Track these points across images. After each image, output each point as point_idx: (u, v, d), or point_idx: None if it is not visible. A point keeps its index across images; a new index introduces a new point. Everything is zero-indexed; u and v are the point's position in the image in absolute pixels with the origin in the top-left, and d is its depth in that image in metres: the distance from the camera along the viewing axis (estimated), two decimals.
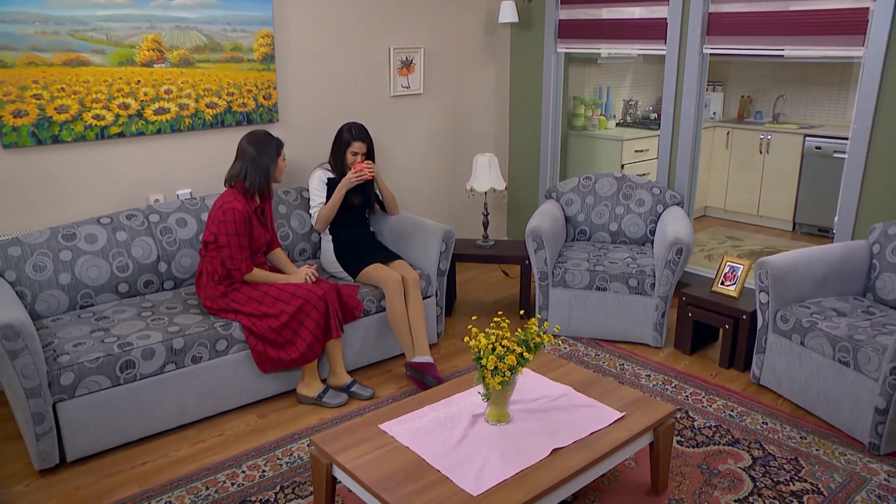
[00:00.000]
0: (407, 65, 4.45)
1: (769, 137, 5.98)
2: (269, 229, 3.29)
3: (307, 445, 2.88)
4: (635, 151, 5.51)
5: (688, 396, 3.26)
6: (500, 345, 2.20)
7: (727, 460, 2.77)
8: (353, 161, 3.59)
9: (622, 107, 6.31)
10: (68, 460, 2.74)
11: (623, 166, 5.42)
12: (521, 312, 4.07)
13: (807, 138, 5.76)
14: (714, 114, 6.51)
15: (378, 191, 3.76)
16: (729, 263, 3.65)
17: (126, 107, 3.39)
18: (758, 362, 3.32)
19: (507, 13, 4.65)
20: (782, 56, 5.55)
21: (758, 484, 2.63)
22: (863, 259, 3.32)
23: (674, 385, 3.37)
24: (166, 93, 3.49)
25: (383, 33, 4.30)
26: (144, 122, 3.46)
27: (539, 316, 3.86)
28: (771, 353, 3.24)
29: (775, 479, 2.65)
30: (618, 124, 6.01)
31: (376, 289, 3.45)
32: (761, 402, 3.20)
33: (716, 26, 3.98)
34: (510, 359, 2.17)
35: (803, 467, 2.73)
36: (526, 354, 2.21)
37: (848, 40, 3.48)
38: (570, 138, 5.46)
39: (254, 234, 3.12)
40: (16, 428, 3.01)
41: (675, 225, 3.70)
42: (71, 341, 2.80)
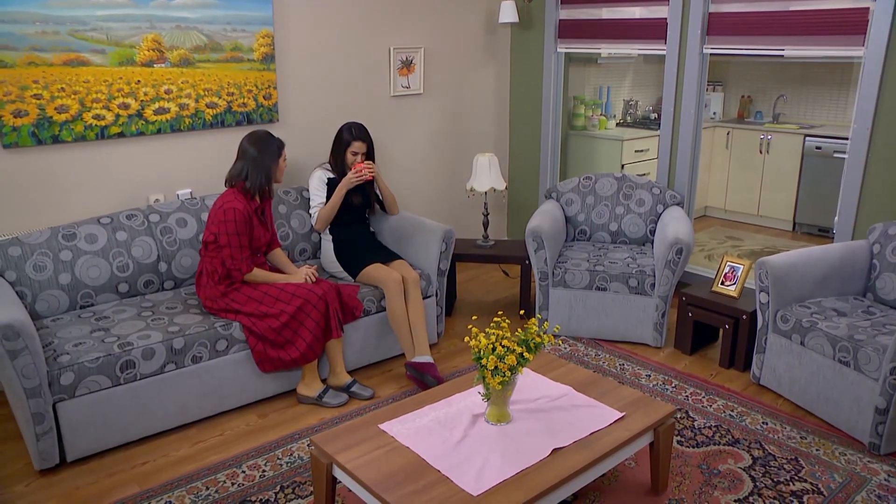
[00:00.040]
0: (407, 65, 4.45)
1: (769, 137, 5.98)
2: (269, 229, 3.29)
3: (307, 445, 2.88)
4: (635, 151, 5.51)
5: (688, 396, 3.26)
6: (501, 345, 2.20)
7: (727, 460, 2.77)
8: (353, 161, 3.59)
9: (622, 107, 6.31)
10: (68, 460, 2.74)
11: (623, 166, 5.42)
12: (522, 312, 4.07)
13: (807, 138, 5.76)
14: (714, 114, 6.50)
15: (378, 191, 3.76)
16: (729, 263, 3.65)
17: (126, 107, 3.39)
18: (758, 362, 3.32)
19: (507, 13, 4.65)
20: (782, 56, 5.55)
21: (758, 484, 2.63)
22: (863, 259, 3.32)
23: (674, 385, 3.37)
24: (166, 93, 3.49)
25: (383, 33, 4.30)
26: (144, 122, 3.46)
27: (539, 316, 3.86)
28: (771, 353, 3.24)
29: (775, 479, 2.65)
30: (618, 124, 6.01)
31: (376, 289, 3.45)
32: (761, 402, 3.20)
33: (716, 26, 3.98)
34: (510, 359, 2.17)
35: (803, 467, 2.73)
36: (526, 354, 2.21)
37: (848, 40, 3.49)
38: (570, 138, 5.46)
39: (254, 234, 3.12)
40: (16, 428, 3.01)
41: (675, 225, 3.70)
42: (71, 341, 2.80)
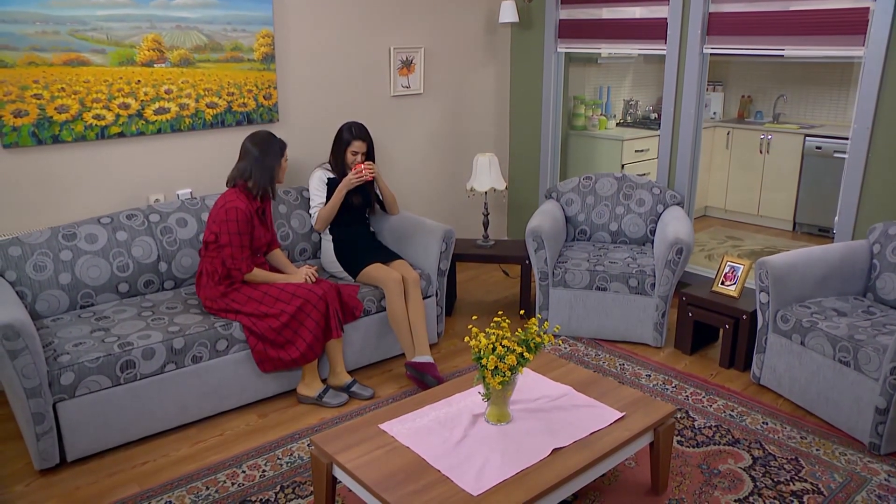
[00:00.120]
0: (407, 65, 4.45)
1: (769, 137, 5.98)
2: (269, 230, 3.29)
3: (307, 445, 2.88)
4: (635, 151, 5.51)
5: (688, 396, 3.26)
6: (501, 345, 2.20)
7: (727, 460, 2.77)
8: (354, 161, 3.59)
9: (622, 107, 6.31)
10: (68, 460, 2.74)
11: (623, 166, 5.42)
12: (522, 312, 4.07)
13: (807, 138, 5.76)
14: (714, 114, 6.50)
15: (378, 191, 3.76)
16: (729, 263, 3.65)
17: (126, 107, 3.39)
18: (758, 362, 3.32)
19: (508, 13, 4.65)
20: (782, 56, 5.55)
21: (758, 484, 2.62)
22: (863, 259, 3.31)
23: (674, 385, 3.37)
24: (166, 93, 3.49)
25: (383, 33, 4.30)
26: (145, 122, 3.46)
27: (539, 316, 3.86)
28: (771, 353, 3.24)
29: (775, 479, 2.65)
30: (618, 124, 6.01)
31: (376, 289, 3.45)
32: (761, 402, 3.20)
33: (716, 26, 3.98)
34: (510, 359, 2.17)
35: (803, 467, 2.73)
36: (526, 354, 2.21)
37: (848, 40, 3.48)
38: (570, 138, 5.46)
39: (255, 234, 3.12)
40: (16, 428, 3.01)
41: (675, 225, 3.70)
42: (71, 341, 2.80)
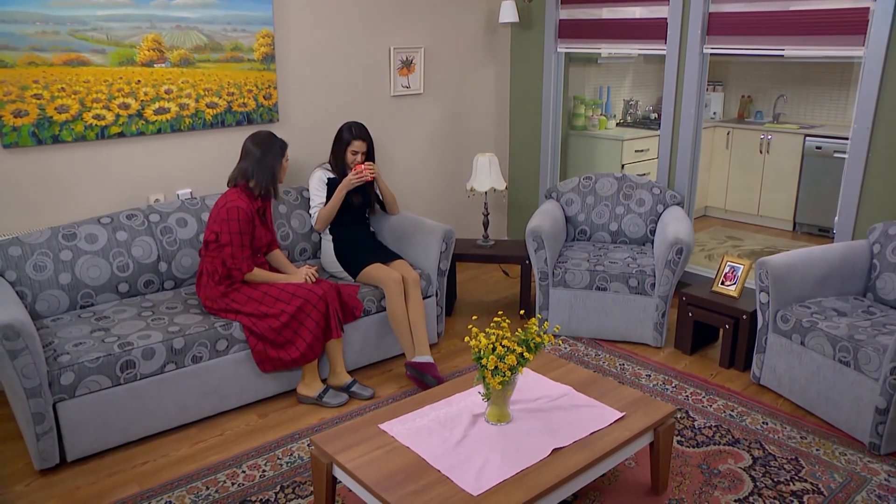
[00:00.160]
0: (407, 65, 4.45)
1: (769, 137, 5.98)
2: (270, 230, 3.29)
3: (307, 445, 2.88)
4: (635, 151, 5.51)
5: (688, 396, 3.26)
6: (501, 345, 2.20)
7: (727, 460, 2.77)
8: (354, 160, 3.59)
9: (622, 107, 6.31)
10: (68, 460, 2.74)
11: (623, 166, 5.42)
12: (522, 312, 4.07)
13: (807, 138, 5.76)
14: (714, 114, 6.50)
15: (378, 191, 3.76)
16: (729, 263, 3.65)
17: (126, 107, 3.39)
18: (758, 362, 3.32)
19: (508, 13, 4.65)
20: (782, 56, 5.54)
21: (758, 484, 2.62)
22: (863, 259, 3.31)
23: (674, 385, 3.37)
24: (166, 93, 3.49)
25: (383, 33, 4.30)
26: (145, 122, 3.46)
27: (539, 316, 3.86)
28: (771, 353, 3.24)
29: (775, 479, 2.65)
30: (618, 124, 6.01)
31: (376, 289, 3.45)
32: (761, 402, 3.20)
33: (716, 26, 3.98)
34: (510, 359, 2.17)
35: (803, 467, 2.73)
36: (526, 354, 2.21)
37: (848, 40, 3.48)
38: (570, 138, 5.46)
39: (255, 234, 3.12)
40: (16, 428, 3.01)
41: (675, 225, 3.70)
42: (71, 341, 2.80)
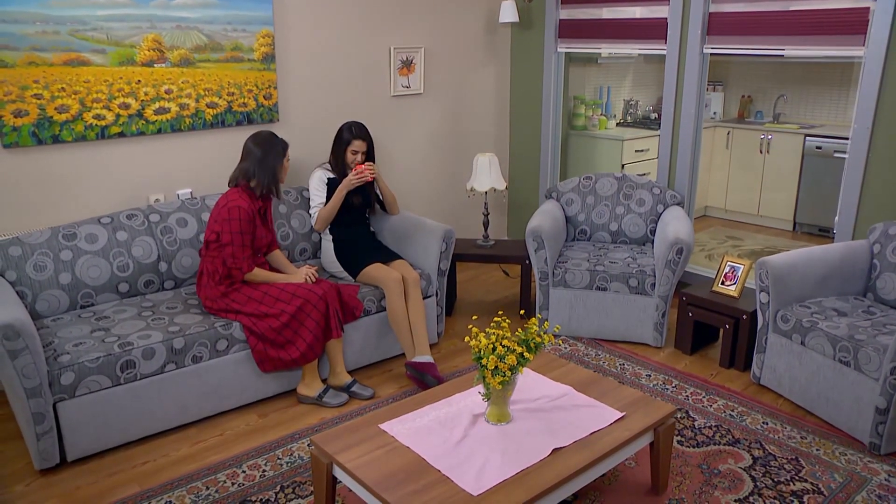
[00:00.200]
0: (407, 65, 4.45)
1: (769, 137, 5.98)
2: (270, 230, 3.29)
3: (307, 445, 2.88)
4: (635, 151, 5.51)
5: (688, 396, 3.26)
6: (501, 344, 2.20)
7: (727, 460, 2.77)
8: (354, 160, 3.59)
9: (622, 106, 6.31)
10: (69, 460, 2.74)
11: (623, 166, 5.42)
12: (522, 312, 4.07)
13: (807, 138, 5.76)
14: (714, 114, 6.50)
15: (378, 191, 3.76)
16: (729, 263, 3.65)
17: (126, 106, 3.39)
18: (758, 362, 3.32)
19: (508, 13, 4.65)
20: (783, 56, 5.54)
21: (758, 484, 2.62)
22: (863, 259, 3.31)
23: (674, 385, 3.37)
24: (167, 92, 3.49)
25: (383, 33, 4.30)
26: (145, 122, 3.46)
27: (539, 316, 3.86)
28: (771, 353, 3.24)
29: (776, 479, 2.65)
30: (618, 124, 6.01)
31: (376, 288, 3.45)
32: (761, 402, 3.20)
33: (716, 26, 3.98)
34: (510, 358, 2.17)
35: (804, 467, 2.73)
36: (526, 354, 2.21)
37: (848, 40, 3.48)
38: (570, 138, 5.46)
39: (256, 234, 3.12)
40: (16, 427, 3.01)
41: (675, 225, 3.70)
42: (71, 341, 2.80)
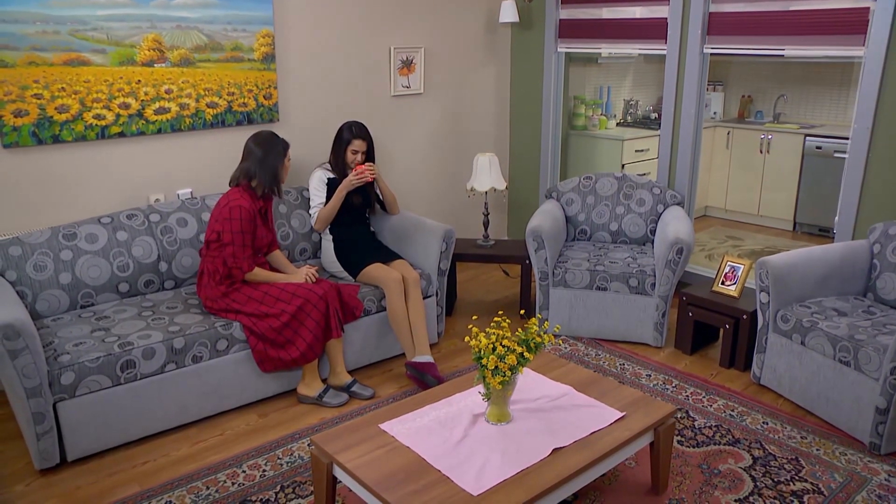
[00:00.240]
0: (407, 64, 4.45)
1: (770, 137, 5.98)
2: (271, 230, 3.29)
3: (308, 445, 2.88)
4: (636, 151, 5.51)
5: (688, 396, 3.26)
6: (501, 344, 2.20)
7: (727, 460, 2.77)
8: (354, 160, 3.59)
9: (623, 106, 6.31)
10: (69, 460, 2.74)
11: (623, 166, 5.42)
12: (522, 312, 4.06)
13: (807, 138, 5.75)
14: (714, 113, 6.50)
15: (378, 191, 3.76)
16: (729, 263, 3.65)
17: (127, 106, 3.39)
18: (758, 362, 3.32)
19: (508, 13, 4.65)
20: (783, 56, 5.54)
21: (758, 484, 2.62)
22: (863, 259, 3.31)
23: (674, 385, 3.37)
24: (167, 92, 3.49)
25: (383, 33, 4.30)
26: (145, 122, 3.46)
27: (539, 316, 3.86)
28: (771, 353, 3.24)
29: (776, 479, 2.65)
30: (618, 124, 6.01)
31: (377, 288, 3.45)
32: (762, 402, 3.20)
33: (716, 26, 3.98)
34: (510, 358, 2.17)
35: (804, 467, 2.73)
36: (526, 354, 2.21)
37: (848, 40, 3.48)
38: (570, 138, 5.46)
39: (257, 234, 3.12)
40: (16, 427, 3.01)
41: (675, 224, 3.70)
42: (71, 341, 2.80)
